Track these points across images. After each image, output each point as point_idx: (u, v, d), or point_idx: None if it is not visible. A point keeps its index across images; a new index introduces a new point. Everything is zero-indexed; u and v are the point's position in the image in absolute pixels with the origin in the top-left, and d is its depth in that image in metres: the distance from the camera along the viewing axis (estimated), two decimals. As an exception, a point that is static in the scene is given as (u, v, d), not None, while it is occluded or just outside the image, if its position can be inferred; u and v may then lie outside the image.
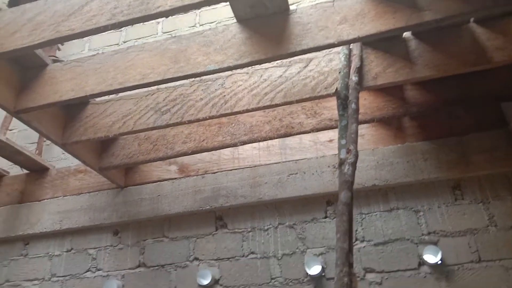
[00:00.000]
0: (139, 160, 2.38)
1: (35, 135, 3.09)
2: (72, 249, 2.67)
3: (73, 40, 3.40)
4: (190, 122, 2.07)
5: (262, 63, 1.70)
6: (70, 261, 2.64)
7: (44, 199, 2.76)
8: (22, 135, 3.22)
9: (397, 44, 1.94)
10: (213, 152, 2.55)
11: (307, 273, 2.21)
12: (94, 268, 2.58)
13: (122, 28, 3.48)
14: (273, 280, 2.28)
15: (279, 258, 2.33)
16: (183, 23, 3.34)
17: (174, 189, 2.56)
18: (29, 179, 2.87)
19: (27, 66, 1.90)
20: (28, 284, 2.64)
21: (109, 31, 3.41)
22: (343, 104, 1.69)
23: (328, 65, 1.95)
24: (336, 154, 2.35)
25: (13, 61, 1.86)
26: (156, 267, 2.48)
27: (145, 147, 2.39)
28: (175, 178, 2.60)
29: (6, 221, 2.76)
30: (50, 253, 2.70)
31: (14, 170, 2.99)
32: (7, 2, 2.62)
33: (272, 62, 1.99)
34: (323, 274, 2.22)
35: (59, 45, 3.11)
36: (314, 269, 2.20)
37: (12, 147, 2.60)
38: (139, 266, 2.52)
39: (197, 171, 2.59)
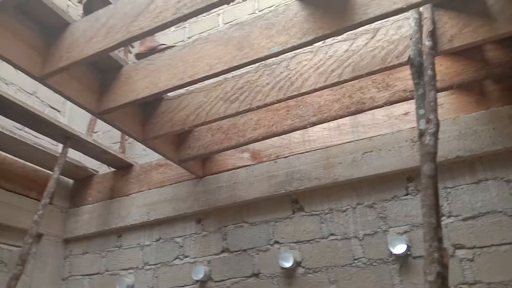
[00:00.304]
0: (214, 149, 2.46)
1: (117, 135, 3.31)
2: (160, 238, 2.83)
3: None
4: (258, 108, 2.09)
5: (327, 38, 1.64)
6: (160, 250, 2.80)
7: (131, 194, 2.96)
8: (106, 136, 3.45)
9: (473, 1, 1.77)
10: (283, 136, 2.55)
11: (392, 253, 2.14)
12: (182, 255, 2.72)
13: (186, 25, 3.58)
14: (356, 261, 2.24)
15: (361, 238, 2.28)
16: (242, 12, 3.36)
17: (248, 175, 2.61)
18: (116, 176, 3.10)
19: (104, 69, 2.03)
20: (124, 272, 2.86)
21: (174, 30, 3.58)
22: (418, 71, 1.58)
23: (397, 33, 1.85)
24: (413, 128, 2.23)
25: (92, 66, 2.00)
26: (239, 252, 2.56)
27: (218, 136, 2.46)
28: (248, 165, 2.64)
29: (100, 216, 3.01)
30: (141, 244, 2.88)
31: (102, 169, 3.23)
32: (82, 13, 2.81)
33: (336, 37, 1.93)
34: (408, 252, 2.13)
35: (129, 46, 3.28)
36: (399, 248, 2.12)
37: (99, 148, 2.82)
38: (223, 251, 2.61)
39: (269, 157, 2.61)
